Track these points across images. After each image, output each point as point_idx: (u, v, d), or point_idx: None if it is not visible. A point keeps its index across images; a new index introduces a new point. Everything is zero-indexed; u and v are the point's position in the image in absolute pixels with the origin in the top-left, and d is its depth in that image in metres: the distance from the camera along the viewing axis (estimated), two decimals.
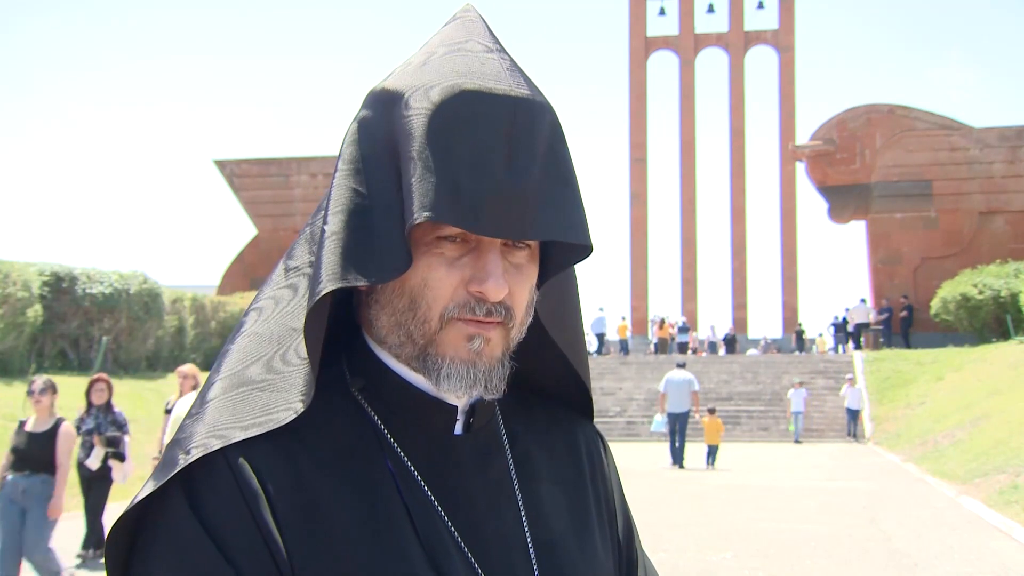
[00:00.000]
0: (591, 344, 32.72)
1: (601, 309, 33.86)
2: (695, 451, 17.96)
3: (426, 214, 0.85)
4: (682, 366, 18.15)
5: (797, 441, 21.91)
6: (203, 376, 9.30)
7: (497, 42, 0.96)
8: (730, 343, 34.77)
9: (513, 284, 0.93)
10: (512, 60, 0.95)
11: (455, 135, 0.88)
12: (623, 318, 35.25)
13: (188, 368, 8.63)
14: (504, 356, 0.95)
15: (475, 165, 0.87)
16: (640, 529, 1.18)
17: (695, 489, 13.43)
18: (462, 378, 0.92)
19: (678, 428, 16.87)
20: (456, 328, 0.92)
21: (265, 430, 0.89)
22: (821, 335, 36.64)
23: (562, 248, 1.01)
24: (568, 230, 0.92)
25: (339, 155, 0.96)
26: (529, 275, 0.96)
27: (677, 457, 16.89)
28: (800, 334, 35.05)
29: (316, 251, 0.93)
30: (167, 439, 8.18)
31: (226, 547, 0.85)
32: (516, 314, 0.94)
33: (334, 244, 0.90)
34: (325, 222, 0.92)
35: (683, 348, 32.08)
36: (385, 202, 0.90)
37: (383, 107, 0.93)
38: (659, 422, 17.50)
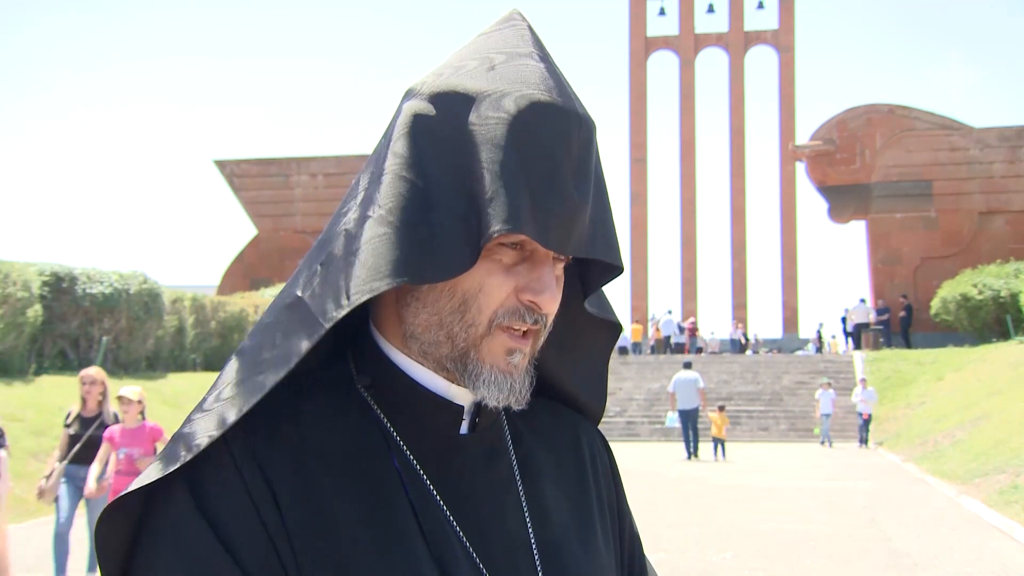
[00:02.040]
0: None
1: (669, 312, 33.71)
2: (704, 447, 19.27)
3: (509, 226, 0.86)
4: (688, 366, 19.40)
5: (823, 444, 20.65)
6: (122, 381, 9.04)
7: (548, 53, 0.96)
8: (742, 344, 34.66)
9: None
10: (562, 74, 0.95)
11: (532, 147, 0.88)
12: (637, 321, 35.21)
13: (95, 372, 7.16)
14: (530, 366, 0.96)
15: (550, 180, 0.88)
16: (640, 529, 1.18)
17: (695, 489, 13.42)
18: (501, 388, 0.92)
19: (690, 423, 18.47)
20: (500, 339, 0.92)
21: (253, 402, 0.87)
22: (835, 337, 36.45)
23: (591, 268, 1.05)
24: (612, 251, 0.96)
25: (385, 148, 0.93)
26: (561, 289, 0.97)
27: (691, 449, 18.44)
28: (820, 335, 35.00)
29: (360, 243, 0.90)
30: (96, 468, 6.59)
31: (232, 546, 0.85)
32: (549, 325, 0.96)
33: (389, 239, 0.88)
34: (371, 210, 0.90)
35: (680, 348, 32.03)
36: (448, 200, 0.88)
37: (448, 107, 0.91)
38: (671, 418, 19.03)
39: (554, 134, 0.89)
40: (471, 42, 0.98)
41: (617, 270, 1.02)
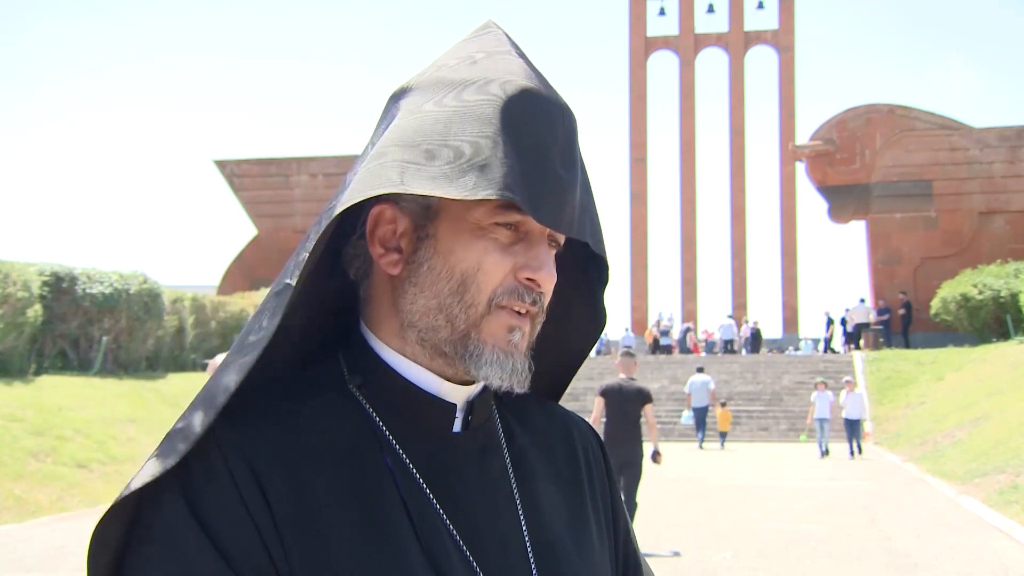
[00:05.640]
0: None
1: (730, 316, 33.58)
2: (712, 444, 21.51)
3: (507, 193, 0.87)
4: (701, 370, 21.85)
5: (825, 454, 18.57)
6: None
7: (526, 54, 0.99)
8: (755, 340, 34.58)
9: None
10: (542, 72, 0.98)
11: (522, 127, 0.90)
12: (650, 324, 35.17)
13: None
14: (529, 349, 0.96)
15: (540, 159, 0.90)
16: (640, 529, 1.19)
17: (695, 489, 13.42)
18: (504, 367, 0.93)
19: (700, 418, 21.33)
20: (501, 317, 0.93)
21: (238, 380, 0.87)
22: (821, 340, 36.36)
23: (574, 256, 1.05)
24: (598, 238, 0.98)
25: (376, 131, 0.98)
26: (554, 273, 0.97)
27: (700, 440, 21.29)
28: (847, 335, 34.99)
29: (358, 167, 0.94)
30: None
31: (224, 548, 0.84)
32: (545, 307, 0.96)
33: (359, 177, 0.91)
34: (347, 177, 0.95)
35: (668, 349, 32.01)
36: (426, 145, 0.90)
37: (433, 93, 0.94)
38: (687, 416, 21.32)
39: (541, 118, 0.91)
40: (450, 49, 1.01)
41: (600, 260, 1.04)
